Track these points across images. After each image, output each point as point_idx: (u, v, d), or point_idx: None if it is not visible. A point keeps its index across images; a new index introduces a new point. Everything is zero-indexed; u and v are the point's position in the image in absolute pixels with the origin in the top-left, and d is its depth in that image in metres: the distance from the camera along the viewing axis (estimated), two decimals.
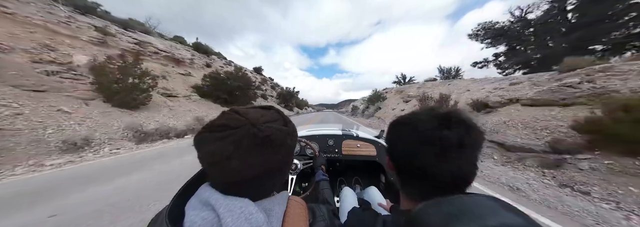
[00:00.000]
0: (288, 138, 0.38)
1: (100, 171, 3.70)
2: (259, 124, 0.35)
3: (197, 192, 0.37)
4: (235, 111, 0.37)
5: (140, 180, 3.19)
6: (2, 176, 3.44)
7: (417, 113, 0.44)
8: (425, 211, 0.31)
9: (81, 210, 2.25)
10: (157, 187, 2.92)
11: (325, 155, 1.68)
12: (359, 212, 0.57)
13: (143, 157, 4.73)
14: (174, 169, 3.76)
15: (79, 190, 2.79)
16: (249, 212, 0.33)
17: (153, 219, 0.39)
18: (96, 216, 2.12)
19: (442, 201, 0.31)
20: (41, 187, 2.92)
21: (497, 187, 3.03)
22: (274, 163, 0.36)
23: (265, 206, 0.37)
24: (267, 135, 0.34)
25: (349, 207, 0.64)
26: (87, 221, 2.04)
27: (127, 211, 2.24)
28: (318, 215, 0.45)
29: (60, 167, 3.95)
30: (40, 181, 3.24)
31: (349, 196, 1.17)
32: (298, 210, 0.42)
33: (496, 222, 0.25)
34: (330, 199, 0.89)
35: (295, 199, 0.45)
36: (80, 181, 3.20)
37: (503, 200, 0.31)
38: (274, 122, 0.37)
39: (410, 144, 0.41)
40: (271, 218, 0.36)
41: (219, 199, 0.33)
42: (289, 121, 0.41)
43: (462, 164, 0.38)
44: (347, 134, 1.81)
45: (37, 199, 2.51)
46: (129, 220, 2.06)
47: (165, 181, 3.16)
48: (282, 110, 0.43)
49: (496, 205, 0.29)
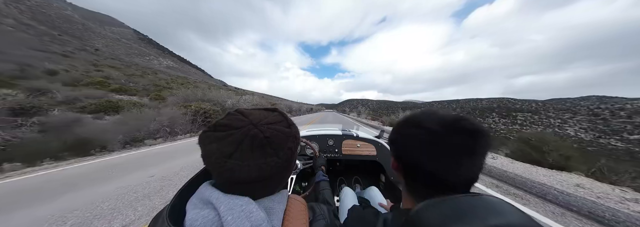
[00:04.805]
0: (289, 140, 0.39)
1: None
2: (261, 125, 0.37)
3: (198, 191, 0.39)
4: (239, 112, 0.39)
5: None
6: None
7: (427, 116, 0.44)
8: (426, 210, 0.33)
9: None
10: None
11: (326, 155, 1.72)
12: (359, 210, 0.59)
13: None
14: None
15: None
16: (249, 210, 0.34)
17: (155, 217, 0.41)
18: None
19: (444, 201, 0.33)
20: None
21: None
22: (275, 164, 0.37)
23: (265, 205, 0.39)
24: (268, 136, 0.36)
25: (349, 207, 0.66)
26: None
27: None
28: (318, 213, 0.47)
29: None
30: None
31: (349, 196, 1.20)
32: (298, 208, 0.44)
33: (497, 222, 0.27)
34: (330, 199, 0.92)
35: (295, 198, 0.47)
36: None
37: (505, 200, 0.32)
38: (276, 124, 0.39)
39: (422, 148, 0.41)
40: (272, 216, 0.38)
41: (219, 198, 0.35)
42: (292, 123, 0.43)
43: (472, 169, 0.40)
44: (347, 134, 1.85)
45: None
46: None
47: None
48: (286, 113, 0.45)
49: (497, 205, 0.31)
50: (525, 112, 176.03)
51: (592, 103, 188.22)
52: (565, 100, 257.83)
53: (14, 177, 3.70)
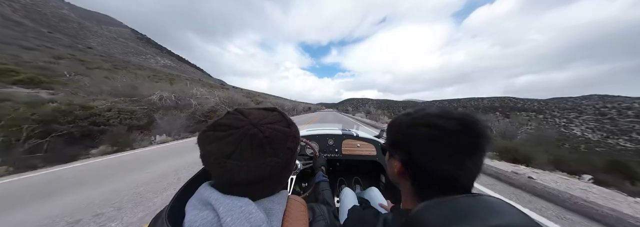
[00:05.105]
0: (289, 140, 0.40)
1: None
2: (260, 125, 0.37)
3: (197, 192, 0.39)
4: (239, 111, 0.40)
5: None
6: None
7: (434, 114, 0.42)
8: (426, 210, 0.33)
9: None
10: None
11: (326, 155, 1.72)
12: (359, 211, 0.59)
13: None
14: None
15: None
16: (248, 211, 0.34)
17: (154, 218, 0.41)
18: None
19: (444, 201, 0.33)
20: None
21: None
22: (274, 164, 0.37)
23: (265, 206, 0.39)
24: (267, 136, 0.36)
25: (349, 207, 0.66)
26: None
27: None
28: (318, 214, 0.47)
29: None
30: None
31: (349, 196, 1.20)
32: (298, 209, 0.44)
33: (497, 222, 0.27)
34: (330, 200, 0.92)
35: (295, 199, 0.47)
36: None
37: (505, 201, 0.33)
38: (276, 124, 0.39)
39: (437, 149, 0.40)
40: (271, 217, 0.38)
41: (218, 199, 0.35)
42: (292, 123, 0.43)
43: (478, 167, 0.40)
44: (347, 133, 1.85)
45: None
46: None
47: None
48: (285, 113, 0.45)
49: (497, 205, 0.31)
50: (529, 112, 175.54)
51: (595, 102, 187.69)
52: (567, 100, 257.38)
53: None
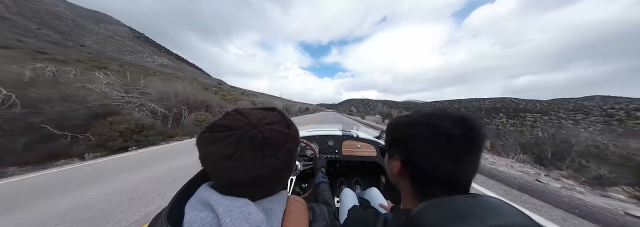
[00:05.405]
0: (289, 141, 0.39)
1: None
2: (260, 126, 0.37)
3: (197, 193, 0.39)
4: (238, 112, 0.39)
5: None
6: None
7: (433, 114, 0.43)
8: (426, 211, 0.34)
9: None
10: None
11: (326, 156, 1.72)
12: (359, 211, 0.59)
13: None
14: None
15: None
16: (248, 212, 0.35)
17: (154, 219, 0.41)
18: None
19: (444, 202, 0.34)
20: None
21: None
22: (274, 165, 0.37)
23: (264, 206, 0.39)
24: (267, 137, 0.36)
25: (349, 207, 0.66)
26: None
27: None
28: (318, 214, 0.48)
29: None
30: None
31: (349, 197, 1.20)
32: (298, 209, 0.44)
33: (497, 222, 0.27)
34: (330, 200, 0.92)
35: (295, 199, 0.47)
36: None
37: (504, 201, 0.33)
38: (275, 124, 0.39)
39: (438, 147, 0.40)
40: (271, 218, 0.38)
41: (218, 200, 0.35)
42: (292, 123, 0.43)
43: (476, 166, 0.41)
44: (347, 134, 1.85)
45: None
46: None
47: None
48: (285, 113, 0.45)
49: (497, 206, 0.31)
50: (534, 113, 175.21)
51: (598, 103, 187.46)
52: (569, 100, 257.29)
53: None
